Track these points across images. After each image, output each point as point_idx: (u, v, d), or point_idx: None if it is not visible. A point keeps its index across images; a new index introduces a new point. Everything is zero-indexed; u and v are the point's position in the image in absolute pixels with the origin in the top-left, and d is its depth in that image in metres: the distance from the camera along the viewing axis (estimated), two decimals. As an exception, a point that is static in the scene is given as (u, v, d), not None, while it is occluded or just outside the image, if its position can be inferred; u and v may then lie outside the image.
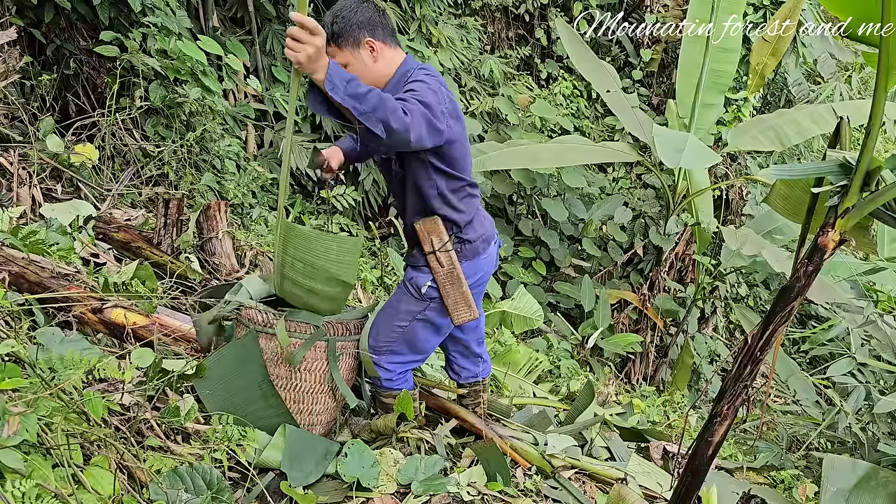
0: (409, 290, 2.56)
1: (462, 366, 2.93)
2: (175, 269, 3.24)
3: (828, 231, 2.02)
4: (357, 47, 2.28)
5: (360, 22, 2.26)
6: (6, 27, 3.77)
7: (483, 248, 2.57)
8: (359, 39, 2.27)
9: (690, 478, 2.17)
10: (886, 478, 2.36)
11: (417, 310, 2.56)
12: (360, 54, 2.29)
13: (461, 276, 2.50)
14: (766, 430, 4.65)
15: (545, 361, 4.59)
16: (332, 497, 2.40)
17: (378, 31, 2.30)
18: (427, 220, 2.46)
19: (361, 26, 2.26)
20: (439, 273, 2.48)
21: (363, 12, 2.28)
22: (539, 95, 7.30)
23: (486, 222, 2.63)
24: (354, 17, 2.26)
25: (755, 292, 7.09)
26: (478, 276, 2.59)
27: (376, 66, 2.32)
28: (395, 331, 2.59)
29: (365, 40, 2.28)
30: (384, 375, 2.66)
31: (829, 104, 6.38)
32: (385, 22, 2.33)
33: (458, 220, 2.48)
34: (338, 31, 2.26)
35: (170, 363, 2.40)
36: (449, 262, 2.48)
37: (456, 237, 2.49)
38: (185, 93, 4.26)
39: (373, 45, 2.29)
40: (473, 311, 2.56)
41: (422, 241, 2.47)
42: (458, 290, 2.51)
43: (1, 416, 1.60)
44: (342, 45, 2.27)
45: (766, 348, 2.10)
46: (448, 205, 2.45)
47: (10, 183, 3.53)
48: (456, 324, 2.59)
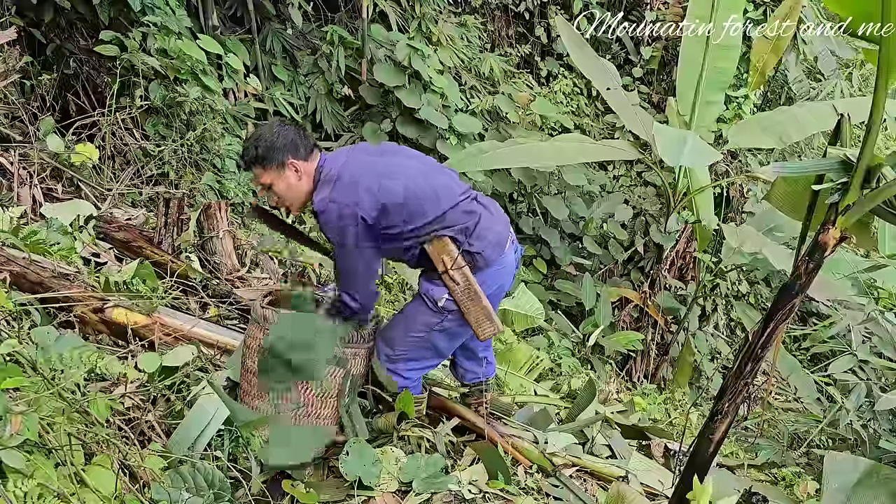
0: (425, 303, 2.53)
1: (467, 368, 2.93)
2: (176, 269, 3.24)
3: (828, 228, 2.02)
4: (282, 169, 2.37)
5: (282, 145, 2.35)
6: (6, 27, 3.77)
7: (496, 253, 2.51)
8: (283, 162, 2.36)
9: (692, 475, 2.17)
10: (888, 475, 2.36)
11: (435, 321, 2.53)
12: (285, 174, 2.39)
13: (478, 290, 2.46)
14: (767, 428, 4.65)
15: (546, 359, 4.59)
16: (334, 495, 2.40)
17: (300, 151, 2.38)
18: (435, 242, 2.44)
19: (285, 149, 2.36)
20: (456, 291, 2.45)
21: (284, 135, 2.37)
22: (539, 93, 7.29)
23: (496, 225, 2.55)
24: (277, 140, 2.35)
25: (756, 290, 7.08)
26: (497, 286, 2.56)
27: (300, 184, 2.41)
28: (410, 340, 2.58)
29: (289, 162, 2.37)
30: (401, 384, 2.64)
31: (830, 101, 6.37)
32: (305, 140, 2.41)
33: (457, 237, 2.45)
34: (262, 155, 2.36)
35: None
36: (464, 279, 2.45)
37: (464, 251, 2.45)
38: (185, 92, 4.26)
39: (296, 166, 2.38)
40: (497, 324, 2.52)
41: (435, 262, 2.45)
42: (479, 305, 2.47)
43: (3, 416, 1.60)
44: (267, 168, 2.37)
45: (767, 346, 2.10)
46: (434, 240, 2.45)
47: (11, 183, 3.54)
48: (481, 339, 2.56)
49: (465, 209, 2.47)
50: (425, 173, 2.48)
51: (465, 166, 5.22)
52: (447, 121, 5.85)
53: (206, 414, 2.24)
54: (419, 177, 2.45)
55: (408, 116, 5.87)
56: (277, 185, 2.41)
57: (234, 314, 3.23)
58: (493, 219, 2.54)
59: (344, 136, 6.01)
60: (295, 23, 5.48)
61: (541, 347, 5.08)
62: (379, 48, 5.91)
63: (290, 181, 2.39)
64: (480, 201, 2.56)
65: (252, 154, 2.37)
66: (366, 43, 5.85)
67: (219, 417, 2.25)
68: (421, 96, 5.78)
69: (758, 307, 6.84)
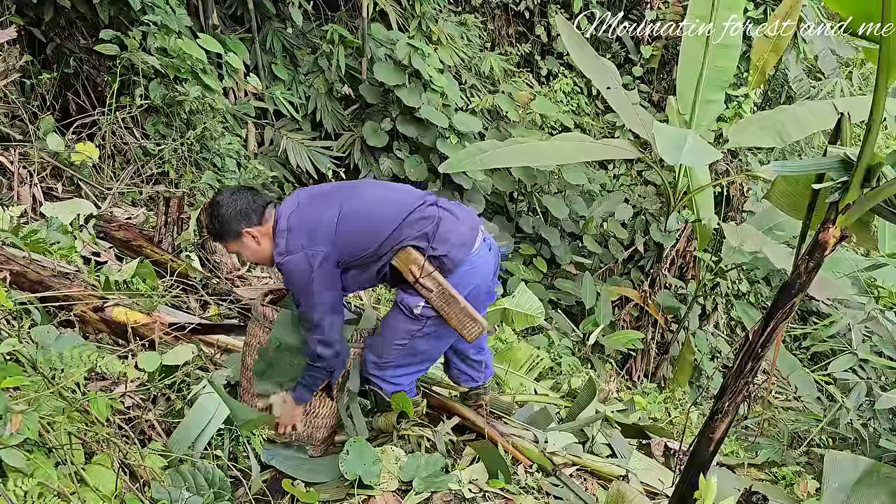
0: (402, 311, 2.52)
1: (462, 371, 2.92)
2: (176, 268, 3.24)
3: (828, 227, 2.02)
4: (239, 237, 2.40)
5: (234, 217, 2.37)
6: (6, 26, 3.77)
7: (462, 253, 2.47)
8: (238, 232, 2.39)
9: (692, 474, 2.17)
10: (888, 474, 2.36)
11: (416, 328, 2.53)
12: (244, 242, 2.41)
13: (454, 293, 2.44)
14: (767, 427, 4.66)
15: (546, 358, 4.59)
16: (334, 495, 2.40)
17: (252, 217, 2.40)
18: (400, 254, 2.44)
19: (238, 220, 2.38)
20: (431, 298, 2.45)
21: (234, 204, 2.38)
22: (539, 92, 7.29)
23: (460, 227, 2.50)
24: (228, 213, 2.37)
25: (756, 289, 7.08)
26: (473, 285, 2.52)
27: (261, 248, 2.44)
28: (395, 349, 2.57)
29: (244, 232, 2.39)
30: (391, 390, 2.64)
31: (830, 100, 6.36)
32: (255, 204, 2.41)
33: (419, 245, 2.43)
34: (218, 231, 2.42)
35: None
36: (436, 285, 2.43)
37: (429, 256, 2.43)
38: (185, 91, 4.25)
39: (251, 233, 2.40)
40: (481, 323, 2.50)
41: (404, 273, 2.45)
42: (457, 307, 2.45)
43: (3, 415, 1.60)
44: (227, 241, 2.43)
45: (767, 345, 2.10)
46: (398, 254, 2.45)
47: (11, 182, 3.54)
48: (469, 341, 2.56)
49: (420, 216, 2.45)
50: (370, 195, 2.52)
51: (465, 165, 5.22)
52: (447, 120, 5.84)
53: (206, 413, 2.24)
54: (367, 200, 2.48)
55: (408, 115, 5.86)
56: (243, 252, 2.48)
57: (234, 313, 3.24)
58: (456, 221, 2.51)
59: (344, 134, 6.01)
60: (295, 22, 5.48)
61: (541, 346, 5.07)
62: (379, 47, 5.91)
63: (251, 247, 2.43)
64: (442, 205, 2.52)
65: (212, 230, 2.44)
66: (366, 42, 5.85)
67: (219, 416, 2.25)
68: (421, 95, 5.78)
69: (758, 306, 6.84)
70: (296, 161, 5.46)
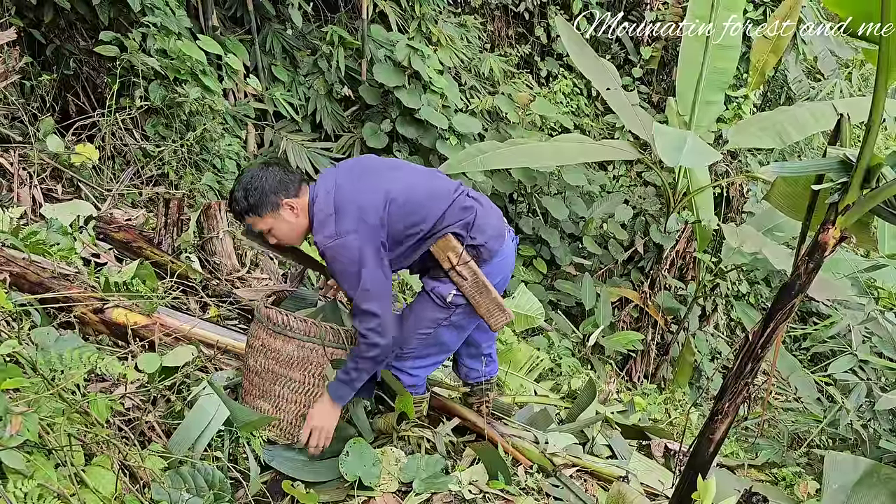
0: (432, 300, 2.52)
1: (470, 366, 2.93)
2: (176, 269, 3.24)
3: (828, 228, 2.02)
4: (277, 210, 2.35)
5: (272, 188, 2.33)
6: (6, 27, 3.77)
7: (498, 244, 2.53)
8: (277, 203, 2.34)
9: (692, 475, 2.17)
10: (888, 475, 2.36)
11: (443, 317, 2.53)
12: (282, 215, 2.36)
13: (487, 283, 2.46)
14: (767, 428, 4.65)
15: (546, 360, 4.59)
16: (334, 496, 2.40)
17: (291, 188, 2.36)
18: (439, 241, 2.44)
19: (276, 191, 2.33)
20: (465, 286, 2.45)
21: (272, 177, 2.34)
22: (539, 93, 7.30)
23: (491, 218, 2.56)
24: (266, 184, 2.32)
25: (756, 289, 7.09)
26: (501, 276, 2.57)
27: (297, 222, 2.39)
28: (418, 337, 2.57)
29: (283, 202, 2.34)
30: (408, 381, 2.64)
31: (830, 101, 6.37)
32: (292, 176, 2.39)
33: (460, 233, 2.46)
34: (255, 203, 2.33)
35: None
36: (472, 273, 2.45)
37: (468, 245, 2.46)
38: (184, 92, 4.25)
39: (291, 205, 2.36)
40: (508, 313, 2.53)
41: (440, 260, 2.45)
42: (489, 296, 2.47)
43: (3, 417, 1.60)
44: (262, 214, 2.35)
45: (767, 346, 2.10)
46: (438, 240, 2.44)
47: (11, 183, 3.53)
48: (494, 330, 2.57)
49: (461, 205, 2.48)
50: (416, 178, 2.50)
51: (465, 166, 5.23)
52: (447, 121, 5.85)
53: (206, 414, 2.24)
54: (413, 183, 2.46)
55: (407, 117, 5.87)
56: (277, 228, 2.39)
57: (235, 314, 3.23)
58: (487, 212, 2.56)
59: (344, 136, 6.01)
60: (295, 23, 5.48)
61: (541, 347, 5.08)
62: (379, 48, 5.91)
63: (289, 220, 2.37)
64: (472, 196, 2.57)
65: (244, 205, 2.34)
66: (365, 43, 5.85)
67: (219, 418, 2.25)
68: (421, 96, 5.78)
69: (758, 307, 6.85)
70: (296, 162, 5.46)
